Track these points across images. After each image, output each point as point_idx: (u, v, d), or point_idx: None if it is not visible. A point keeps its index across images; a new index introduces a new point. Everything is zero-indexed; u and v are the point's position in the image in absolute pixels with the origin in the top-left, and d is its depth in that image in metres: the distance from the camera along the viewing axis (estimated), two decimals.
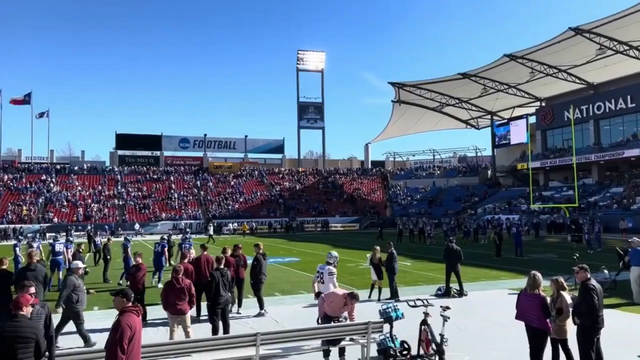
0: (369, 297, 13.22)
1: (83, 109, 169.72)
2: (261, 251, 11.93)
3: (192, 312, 9.31)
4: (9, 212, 52.70)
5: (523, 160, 59.92)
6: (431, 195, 68.63)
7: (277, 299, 13.71)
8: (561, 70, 52.38)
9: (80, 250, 17.08)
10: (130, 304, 5.21)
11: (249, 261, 12.25)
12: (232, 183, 69.24)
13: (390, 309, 7.90)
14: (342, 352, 7.70)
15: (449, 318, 7.63)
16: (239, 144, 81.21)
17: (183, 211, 58.93)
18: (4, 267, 9.99)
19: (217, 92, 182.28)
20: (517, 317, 6.89)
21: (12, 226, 48.76)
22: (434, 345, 7.53)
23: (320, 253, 28.18)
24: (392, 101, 70.76)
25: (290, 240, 40.78)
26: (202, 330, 9.70)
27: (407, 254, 25.25)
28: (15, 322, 4.86)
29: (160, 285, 15.87)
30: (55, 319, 7.53)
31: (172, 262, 19.89)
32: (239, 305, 11.72)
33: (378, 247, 13.71)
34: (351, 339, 7.58)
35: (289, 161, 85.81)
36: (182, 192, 63.84)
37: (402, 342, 7.72)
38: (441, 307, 7.71)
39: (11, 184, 59.60)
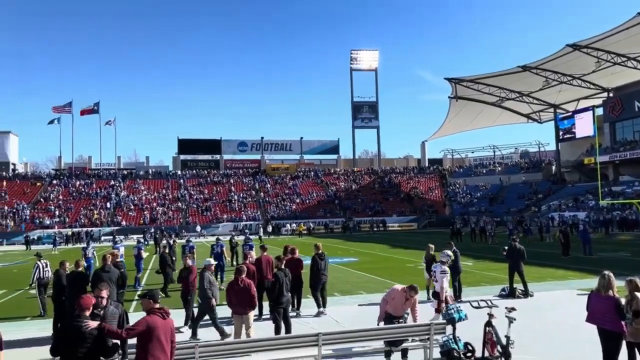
0: (427, 299, 13.04)
1: (147, 116, 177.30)
2: (320, 251, 12.02)
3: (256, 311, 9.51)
4: (81, 216, 55.92)
5: (590, 154, 57.01)
6: (492, 193, 66.64)
7: (336, 299, 13.76)
8: (630, 59, 49.37)
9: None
10: (157, 305, 5.38)
11: (306, 262, 12.37)
12: (289, 184, 70.17)
13: (453, 310, 7.78)
14: (404, 353, 7.65)
15: (514, 319, 7.42)
16: (294, 146, 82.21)
17: (243, 213, 60.33)
18: (80, 269, 10.67)
19: (272, 95, 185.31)
20: (588, 319, 6.60)
21: (84, 229, 51.67)
22: (499, 347, 7.35)
23: (378, 253, 28.07)
24: (449, 97, 69.24)
25: (347, 240, 40.83)
26: (263, 330, 9.89)
27: (468, 253, 24.65)
28: (77, 322, 5.14)
29: (223, 287, 16.34)
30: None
31: (234, 263, 20.40)
32: (299, 306, 11.86)
33: (432, 245, 13.51)
34: (413, 341, 7.52)
35: (344, 161, 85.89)
36: (241, 194, 65.37)
37: (466, 344, 7.58)
38: (506, 308, 7.50)
39: (83, 189, 63.25)
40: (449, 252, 9.79)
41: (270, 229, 53.60)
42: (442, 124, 75.43)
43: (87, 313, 5.23)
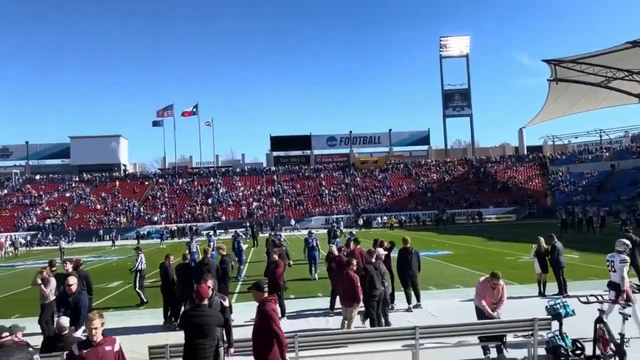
0: (539, 293, 12.44)
1: (241, 115, 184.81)
2: (407, 245, 11.79)
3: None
4: (185, 212, 59.71)
5: None
6: (599, 181, 61.68)
7: (432, 292, 13.55)
8: None
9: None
10: (266, 294, 5.59)
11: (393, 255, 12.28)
12: (379, 177, 69.85)
13: (558, 305, 7.38)
14: (499, 348, 7.39)
15: (629, 316, 6.87)
16: (383, 138, 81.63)
17: (334, 206, 61.07)
18: (186, 261, 11.43)
19: (360, 88, 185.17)
20: None
21: (188, 225, 55.17)
22: (612, 346, 6.85)
23: (474, 246, 27.15)
24: (548, 80, 64.88)
25: (441, 233, 39.89)
26: (356, 323, 9.96)
27: (573, 245, 23.10)
28: (199, 311, 5.53)
29: (317, 277, 16.71)
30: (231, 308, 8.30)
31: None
32: (392, 299, 11.78)
33: (542, 238, 12.84)
34: (515, 336, 7.24)
35: (436, 152, 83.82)
36: (331, 188, 66.17)
37: (574, 341, 7.15)
38: (620, 303, 6.97)
39: (185, 187, 67.49)
40: (626, 241, 9.14)
41: (361, 222, 53.74)
42: (541, 108, 71.01)
43: (205, 302, 5.63)
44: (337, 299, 10.58)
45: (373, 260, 9.90)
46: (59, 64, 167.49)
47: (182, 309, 10.84)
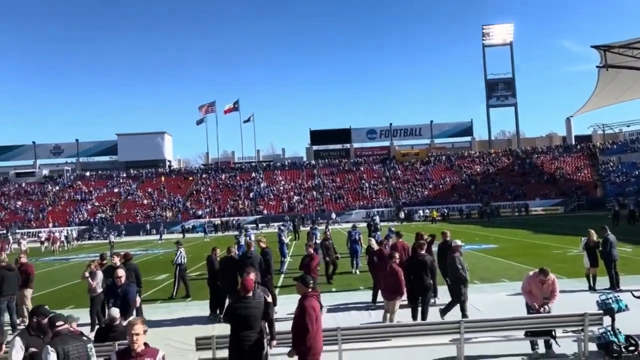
0: (589, 287, 12.05)
1: (281, 110, 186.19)
2: (448, 238, 11.61)
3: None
4: (228, 207, 60.82)
5: None
6: None
7: (476, 287, 13.29)
8: None
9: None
10: (310, 289, 5.62)
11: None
12: (420, 170, 68.99)
13: (611, 300, 7.11)
14: (549, 344, 7.19)
15: None
16: (424, 130, 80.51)
17: (374, 200, 60.78)
18: (231, 254, 11.64)
19: (400, 80, 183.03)
20: None
21: (231, 218, 56.17)
22: None
23: (520, 239, 26.47)
24: (597, 67, 61.89)
25: (485, 226, 39.06)
26: (398, 317, 9.90)
27: (626, 238, 22.17)
28: (244, 303, 5.64)
29: (358, 272, 16.66)
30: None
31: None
32: (435, 293, 11.62)
33: (592, 230, 12.39)
34: (565, 332, 7.03)
35: (479, 143, 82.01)
36: (372, 182, 65.85)
37: (628, 337, 6.87)
38: None
39: (228, 182, 68.71)
40: None
41: (402, 215, 53.26)
42: (589, 96, 68.08)
43: (250, 294, 5.75)
44: (379, 292, 10.55)
45: (423, 252, 9.76)
46: (105, 67, 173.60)
47: (227, 301, 11.10)
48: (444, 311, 9.58)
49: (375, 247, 12.00)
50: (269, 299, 7.11)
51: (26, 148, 79.75)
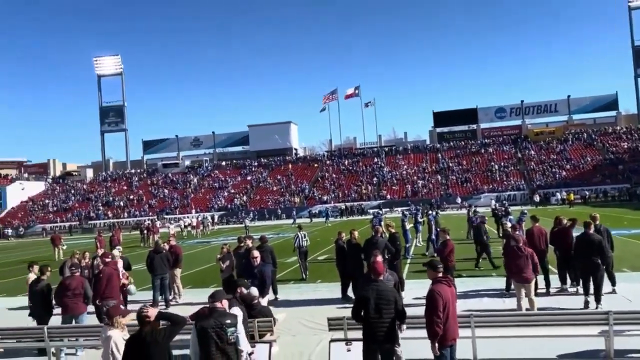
0: None
1: (402, 93, 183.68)
2: (597, 222, 10.49)
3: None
4: (352, 192, 61.76)
5: None
6: None
7: (625, 275, 12.06)
8: None
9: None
10: (440, 274, 5.47)
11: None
12: (557, 149, 63.74)
13: None
14: None
15: None
16: (560, 106, 74.03)
17: (505, 182, 57.59)
18: (354, 238, 11.80)
19: (531, 54, 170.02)
20: None
21: (355, 204, 56.98)
22: None
23: None
24: None
25: (635, 209, 35.07)
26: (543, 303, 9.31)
27: None
28: (375, 285, 5.71)
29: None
30: None
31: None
32: (577, 282, 10.73)
33: None
34: None
35: (626, 118, 73.50)
36: (502, 163, 62.40)
37: None
38: None
39: (351, 167, 69.66)
40: None
41: (537, 198, 49.75)
42: None
43: (381, 277, 5.84)
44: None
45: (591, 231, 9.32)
46: (237, 63, 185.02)
47: (352, 285, 11.35)
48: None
49: (511, 230, 11.39)
50: (395, 279, 7.14)
51: (171, 141, 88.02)
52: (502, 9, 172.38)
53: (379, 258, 6.63)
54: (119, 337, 5.13)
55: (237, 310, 5.85)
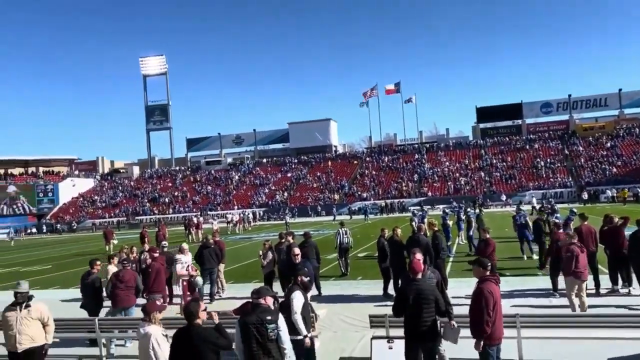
0: None
1: (443, 89, 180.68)
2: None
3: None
4: (392, 189, 61.28)
5: None
6: None
7: None
8: None
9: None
10: (488, 272, 5.38)
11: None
12: (607, 145, 61.25)
13: None
14: None
15: None
16: (611, 100, 71.02)
17: (551, 179, 55.82)
18: (396, 235, 11.71)
19: (576, 46, 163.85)
20: None
21: (395, 201, 56.50)
22: None
23: None
24: None
25: None
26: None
27: None
28: (414, 284, 5.69)
29: (535, 256, 15.45)
30: None
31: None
32: (630, 282, 10.31)
33: None
34: None
35: None
36: (548, 160, 60.50)
37: None
38: None
39: (391, 164, 69.09)
40: None
41: (585, 196, 47.98)
42: None
43: (419, 275, 5.80)
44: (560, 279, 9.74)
45: None
46: (276, 61, 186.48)
47: (393, 282, 11.32)
48: None
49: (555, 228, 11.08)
50: (437, 278, 7.06)
51: (213, 139, 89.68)
52: (547, 3, 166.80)
53: (418, 256, 6.61)
54: (159, 334, 5.03)
55: (298, 295, 6.03)
